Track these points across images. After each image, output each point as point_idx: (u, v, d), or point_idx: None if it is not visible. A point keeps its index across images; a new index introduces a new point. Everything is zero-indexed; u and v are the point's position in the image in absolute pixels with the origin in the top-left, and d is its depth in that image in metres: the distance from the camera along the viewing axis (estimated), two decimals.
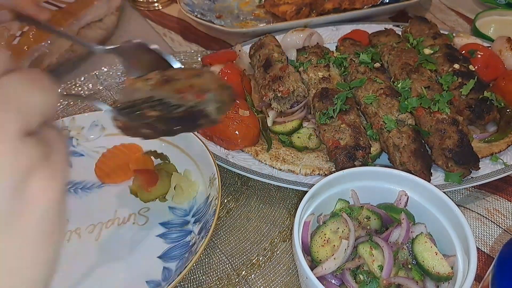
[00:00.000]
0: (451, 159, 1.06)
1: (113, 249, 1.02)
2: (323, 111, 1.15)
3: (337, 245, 0.84)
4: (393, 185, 0.94)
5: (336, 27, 1.57)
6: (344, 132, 1.11)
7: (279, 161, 1.14)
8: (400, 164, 1.07)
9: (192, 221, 1.06)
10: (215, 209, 0.98)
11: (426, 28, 1.42)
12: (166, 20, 1.88)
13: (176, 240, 1.03)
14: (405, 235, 0.85)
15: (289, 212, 1.12)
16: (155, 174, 1.10)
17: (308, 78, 1.27)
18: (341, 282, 0.82)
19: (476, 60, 1.32)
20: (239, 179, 1.20)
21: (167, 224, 1.07)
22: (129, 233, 1.05)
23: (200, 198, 1.09)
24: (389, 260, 0.80)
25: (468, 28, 1.75)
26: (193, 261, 0.90)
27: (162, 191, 1.09)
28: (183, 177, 1.11)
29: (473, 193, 1.13)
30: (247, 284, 0.98)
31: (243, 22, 1.79)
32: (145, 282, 0.95)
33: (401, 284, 0.80)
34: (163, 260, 0.99)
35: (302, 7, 1.69)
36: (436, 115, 1.11)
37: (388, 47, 1.35)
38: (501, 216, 1.08)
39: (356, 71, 1.27)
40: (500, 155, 1.13)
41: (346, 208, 0.92)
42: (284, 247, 1.04)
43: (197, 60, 1.56)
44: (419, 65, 1.25)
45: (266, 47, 1.37)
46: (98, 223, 1.07)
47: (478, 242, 1.04)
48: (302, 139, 1.20)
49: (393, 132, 1.10)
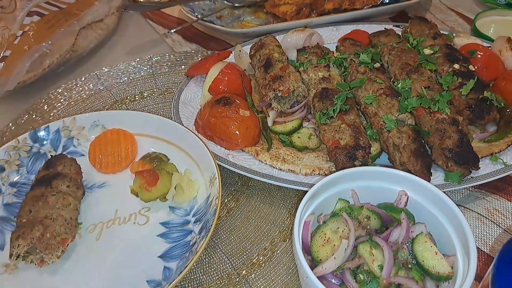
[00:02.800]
0: (451, 159, 1.06)
1: (114, 248, 1.02)
2: (323, 111, 1.16)
3: (337, 245, 0.84)
4: (393, 185, 0.94)
5: (336, 27, 1.58)
6: (344, 132, 1.11)
7: (279, 161, 1.14)
8: (400, 164, 1.08)
9: (192, 221, 1.06)
10: (215, 209, 0.98)
11: (426, 28, 1.42)
12: (166, 20, 1.88)
13: (176, 240, 1.03)
14: (405, 234, 0.85)
15: (289, 212, 1.12)
16: (155, 174, 1.10)
17: (308, 78, 1.27)
18: (341, 281, 0.83)
19: (476, 60, 1.32)
20: (239, 179, 1.20)
21: (167, 223, 1.07)
22: (129, 232, 1.05)
23: (200, 198, 1.10)
24: (389, 259, 0.81)
25: (468, 28, 1.75)
26: (193, 260, 0.90)
27: (162, 191, 1.09)
28: (184, 177, 1.11)
29: (473, 193, 1.14)
30: (247, 284, 0.98)
31: (244, 23, 1.79)
32: (145, 282, 0.95)
33: (401, 283, 0.80)
34: (163, 259, 0.99)
35: (302, 7, 1.69)
36: (436, 115, 1.12)
37: (388, 47, 1.35)
38: (501, 216, 1.08)
39: (356, 71, 1.27)
40: (500, 155, 1.13)
41: (346, 208, 0.92)
42: (284, 247, 1.04)
43: (197, 60, 1.57)
44: (419, 65, 1.25)
45: (267, 47, 1.37)
46: (99, 222, 1.07)
47: (478, 241, 1.04)
48: (302, 139, 1.20)
49: (393, 132, 1.11)
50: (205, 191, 1.10)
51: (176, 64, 1.59)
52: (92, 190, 1.15)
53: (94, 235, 1.05)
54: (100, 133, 1.23)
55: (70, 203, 1.03)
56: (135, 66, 1.58)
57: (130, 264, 0.99)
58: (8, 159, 1.15)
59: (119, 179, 1.17)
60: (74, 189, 1.07)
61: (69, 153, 1.20)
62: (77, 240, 1.03)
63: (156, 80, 1.53)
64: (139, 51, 1.68)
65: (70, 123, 1.22)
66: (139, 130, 1.23)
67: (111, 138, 1.21)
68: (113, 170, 1.18)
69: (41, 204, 1.00)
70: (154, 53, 1.63)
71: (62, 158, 1.14)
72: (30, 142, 1.18)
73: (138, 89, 1.50)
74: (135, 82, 1.53)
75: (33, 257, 0.95)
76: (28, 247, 0.93)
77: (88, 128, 1.24)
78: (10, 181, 1.14)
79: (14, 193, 1.12)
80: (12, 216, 1.07)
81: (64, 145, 1.22)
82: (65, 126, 1.22)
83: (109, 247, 1.03)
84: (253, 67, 1.41)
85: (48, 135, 1.21)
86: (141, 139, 1.23)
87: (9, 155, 1.15)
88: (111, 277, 0.97)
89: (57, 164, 1.11)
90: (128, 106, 1.44)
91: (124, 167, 1.19)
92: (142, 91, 1.49)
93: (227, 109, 1.18)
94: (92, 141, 1.22)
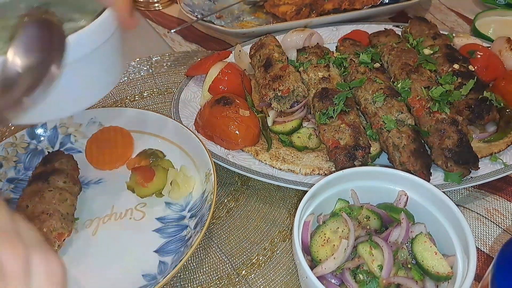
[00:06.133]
0: (451, 159, 1.06)
1: (110, 243, 1.03)
2: (323, 111, 1.16)
3: (337, 245, 0.84)
4: (392, 185, 0.94)
5: (336, 28, 1.58)
6: (344, 132, 1.11)
7: (279, 161, 1.14)
8: (399, 164, 1.08)
9: (188, 216, 1.07)
10: (210, 204, 0.99)
11: (426, 28, 1.42)
12: (166, 20, 1.88)
13: (172, 235, 1.04)
14: (405, 234, 0.85)
15: (289, 211, 1.12)
16: (151, 170, 1.11)
17: (308, 78, 1.27)
18: (341, 281, 0.83)
19: (476, 60, 1.32)
20: (239, 179, 1.20)
21: (163, 219, 1.08)
22: (126, 228, 1.06)
23: (196, 193, 1.11)
24: (389, 259, 0.81)
25: (468, 29, 1.75)
26: (188, 254, 0.91)
27: (158, 186, 1.10)
28: (180, 173, 1.12)
29: (472, 193, 1.14)
30: (247, 284, 0.98)
31: (243, 23, 1.79)
32: (141, 276, 0.96)
33: (400, 283, 0.80)
34: (159, 254, 1.00)
35: (302, 7, 1.69)
36: (436, 115, 1.12)
37: (388, 47, 1.35)
38: (500, 216, 1.09)
39: (356, 71, 1.27)
40: (500, 155, 1.13)
41: (346, 208, 0.92)
42: (284, 247, 1.04)
43: (197, 60, 1.57)
44: (419, 65, 1.25)
45: (267, 47, 1.37)
46: (95, 218, 1.08)
47: (478, 242, 1.04)
48: (302, 139, 1.20)
49: (392, 132, 1.11)
50: (201, 186, 1.11)
51: (176, 64, 1.59)
52: (88, 186, 1.16)
53: (90, 230, 1.06)
54: (97, 130, 1.23)
55: (66, 198, 1.03)
56: (134, 66, 1.58)
57: (126, 259, 1.00)
58: (6, 156, 1.15)
59: (116, 175, 1.17)
60: (71, 185, 1.07)
61: (66, 150, 1.20)
62: (74, 235, 1.04)
63: (156, 80, 1.53)
64: (139, 51, 1.68)
65: (67, 120, 1.23)
66: (136, 127, 1.24)
67: (108, 135, 1.22)
68: (109, 167, 1.19)
69: (38, 200, 1.00)
70: (154, 53, 1.63)
71: (59, 154, 1.14)
72: (28, 139, 1.19)
73: (137, 89, 1.50)
74: (134, 82, 1.53)
75: None
76: None
77: (85, 125, 1.24)
78: (7, 177, 1.14)
79: (11, 189, 1.13)
80: None
81: (61, 141, 1.23)
82: (63, 123, 1.23)
83: (105, 242, 1.03)
84: (253, 67, 1.41)
85: (46, 132, 1.22)
86: (137, 136, 1.24)
87: (7, 151, 1.16)
88: (107, 271, 0.98)
89: (54, 160, 1.12)
90: (128, 106, 1.44)
91: (120, 164, 1.19)
92: (142, 91, 1.49)
93: (227, 109, 1.18)
94: (89, 138, 1.23)
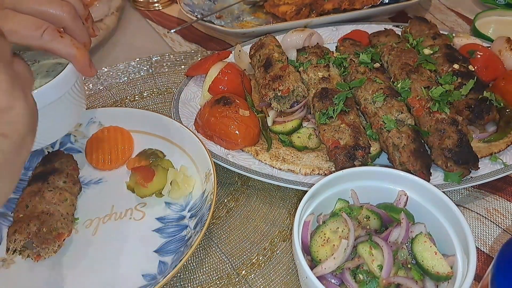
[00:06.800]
0: (451, 159, 1.06)
1: (110, 243, 1.03)
2: (323, 111, 1.16)
3: (337, 245, 0.84)
4: (392, 184, 0.94)
5: (336, 27, 1.58)
6: (344, 132, 1.11)
7: (279, 161, 1.14)
8: (399, 164, 1.08)
9: (188, 216, 1.07)
10: (210, 204, 0.99)
11: (426, 28, 1.42)
12: (166, 20, 1.88)
13: (172, 235, 1.04)
14: (405, 234, 0.85)
15: (289, 211, 1.12)
16: (151, 170, 1.11)
17: (308, 78, 1.27)
18: (340, 281, 0.83)
19: (476, 60, 1.32)
20: (239, 179, 1.20)
21: (163, 219, 1.08)
22: (125, 228, 1.06)
23: (196, 193, 1.11)
24: (389, 259, 0.81)
25: (467, 29, 1.75)
26: (188, 254, 0.91)
27: (158, 186, 1.10)
28: (179, 173, 1.12)
29: (472, 193, 1.14)
30: (247, 284, 0.98)
31: (243, 23, 1.79)
32: (141, 276, 0.96)
33: (400, 283, 0.80)
34: (159, 254, 1.00)
35: (302, 7, 1.69)
36: (436, 115, 1.12)
37: (388, 47, 1.35)
38: (500, 216, 1.09)
39: (356, 71, 1.27)
40: (500, 155, 1.13)
41: (345, 207, 0.92)
42: (284, 247, 1.04)
43: (197, 60, 1.57)
44: (418, 65, 1.25)
45: (267, 47, 1.37)
46: (95, 218, 1.08)
47: (478, 241, 1.04)
48: (302, 139, 1.20)
49: (392, 132, 1.11)
50: (201, 186, 1.11)
51: (176, 64, 1.59)
52: (88, 186, 1.16)
53: (90, 230, 1.06)
54: (97, 130, 1.23)
55: (66, 198, 1.03)
56: (134, 66, 1.58)
57: (126, 259, 1.00)
58: None
59: (116, 175, 1.18)
60: (70, 184, 1.07)
61: (66, 150, 1.20)
62: (74, 235, 1.04)
63: (156, 80, 1.53)
64: (139, 51, 1.68)
65: None
66: (136, 127, 1.24)
67: (108, 135, 1.22)
68: (109, 167, 1.19)
69: (38, 199, 1.00)
70: (154, 53, 1.63)
71: (59, 154, 1.15)
72: None
73: (137, 89, 1.50)
74: (134, 82, 1.53)
75: (29, 252, 0.95)
76: (24, 242, 0.93)
77: (85, 125, 1.24)
78: None
79: None
80: (9, 211, 1.07)
81: (61, 141, 1.23)
82: None
83: (105, 242, 1.03)
84: (253, 67, 1.41)
85: None
86: (137, 136, 1.24)
87: None
88: (107, 271, 0.98)
89: (54, 160, 1.12)
90: (127, 106, 1.44)
91: (120, 164, 1.19)
92: (141, 91, 1.49)
93: (227, 109, 1.18)
94: (89, 138, 1.23)
